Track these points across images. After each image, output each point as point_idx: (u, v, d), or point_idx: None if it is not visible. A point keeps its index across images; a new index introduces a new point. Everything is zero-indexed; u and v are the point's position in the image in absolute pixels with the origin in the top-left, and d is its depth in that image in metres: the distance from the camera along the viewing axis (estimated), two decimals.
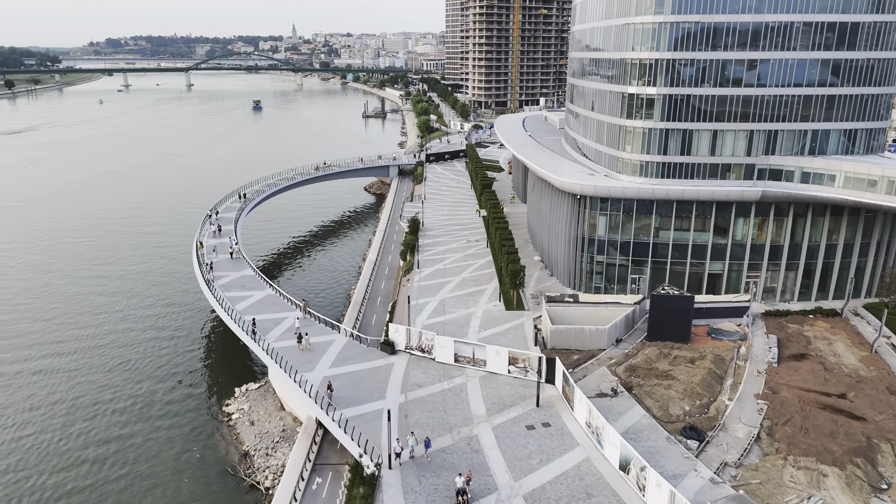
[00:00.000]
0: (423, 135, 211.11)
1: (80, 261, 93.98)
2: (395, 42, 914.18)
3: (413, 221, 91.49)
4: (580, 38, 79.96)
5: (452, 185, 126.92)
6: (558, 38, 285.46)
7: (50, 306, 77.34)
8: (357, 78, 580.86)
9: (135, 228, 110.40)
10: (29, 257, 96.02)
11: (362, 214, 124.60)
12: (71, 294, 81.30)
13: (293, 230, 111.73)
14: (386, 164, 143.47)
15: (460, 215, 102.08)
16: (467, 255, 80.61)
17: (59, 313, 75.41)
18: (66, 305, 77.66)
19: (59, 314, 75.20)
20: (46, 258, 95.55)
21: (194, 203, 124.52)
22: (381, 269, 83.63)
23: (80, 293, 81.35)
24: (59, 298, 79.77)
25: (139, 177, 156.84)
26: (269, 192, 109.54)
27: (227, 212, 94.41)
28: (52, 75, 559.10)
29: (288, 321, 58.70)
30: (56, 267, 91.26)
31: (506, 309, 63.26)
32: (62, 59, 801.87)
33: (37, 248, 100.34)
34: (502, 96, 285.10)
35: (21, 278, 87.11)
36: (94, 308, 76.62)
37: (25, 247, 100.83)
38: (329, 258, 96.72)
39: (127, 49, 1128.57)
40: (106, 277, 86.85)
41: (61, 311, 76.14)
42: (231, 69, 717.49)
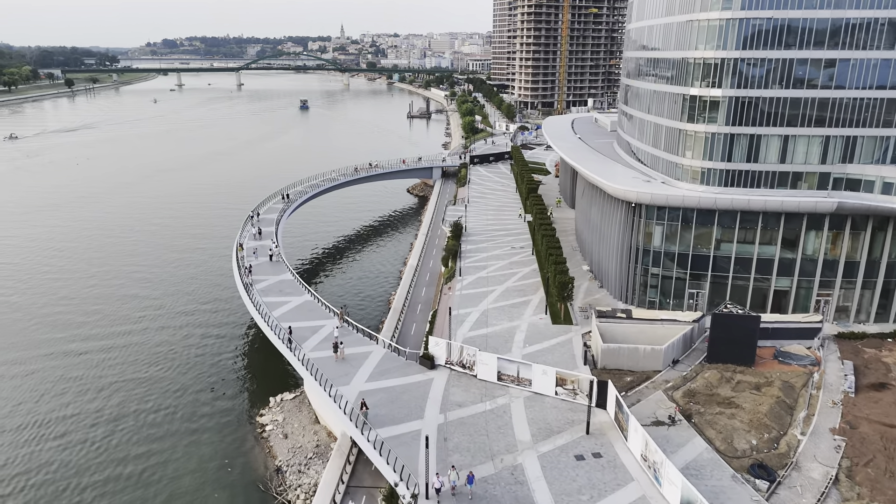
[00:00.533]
0: (467, 136, 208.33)
1: (125, 260, 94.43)
2: (441, 42, 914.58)
3: (455, 226, 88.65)
4: (636, 37, 75.75)
5: (497, 188, 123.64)
6: (608, 38, 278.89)
7: (91, 307, 77.43)
8: (403, 78, 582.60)
9: (180, 228, 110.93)
10: (76, 255, 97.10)
11: (404, 217, 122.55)
12: (112, 294, 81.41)
13: (334, 232, 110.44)
14: (429, 166, 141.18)
15: (505, 220, 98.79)
16: (512, 263, 77.30)
17: (99, 313, 75.41)
18: (106, 305, 77.68)
19: (99, 314, 75.19)
20: (93, 256, 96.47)
21: (239, 202, 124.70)
22: (421, 275, 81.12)
23: (121, 293, 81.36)
24: (101, 298, 79.89)
25: (188, 175, 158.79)
26: (311, 193, 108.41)
27: (269, 213, 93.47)
28: (110, 74, 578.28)
29: (325, 329, 56.64)
30: (101, 266, 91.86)
31: (552, 323, 59.81)
32: (120, 59, 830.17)
33: (83, 246, 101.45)
34: (549, 97, 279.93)
35: (67, 277, 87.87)
36: (134, 307, 76.45)
37: (73, 245, 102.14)
38: (370, 262, 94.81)
39: (182, 49, 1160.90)
40: (148, 278, 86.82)
41: (101, 310, 76.14)
42: (280, 69, 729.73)
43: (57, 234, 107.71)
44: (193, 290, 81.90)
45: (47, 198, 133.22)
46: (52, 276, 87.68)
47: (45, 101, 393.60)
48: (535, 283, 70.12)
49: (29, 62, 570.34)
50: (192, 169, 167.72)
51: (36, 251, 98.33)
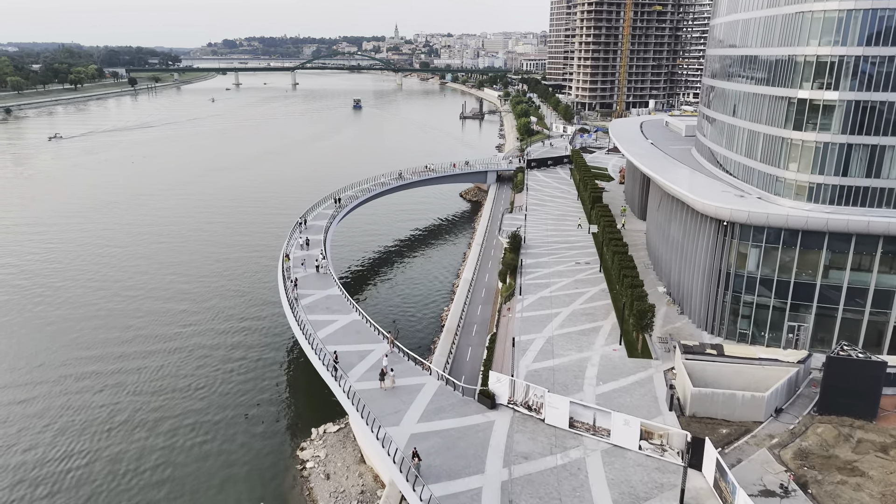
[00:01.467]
0: (522, 137, 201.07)
1: (170, 269, 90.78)
2: (494, 42, 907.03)
3: (514, 237, 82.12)
4: (725, 33, 67.71)
5: (556, 194, 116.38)
6: (672, 37, 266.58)
7: (128, 321, 74.00)
8: (455, 78, 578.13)
9: (228, 234, 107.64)
10: (121, 262, 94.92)
11: (456, 224, 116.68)
12: (153, 308, 77.50)
13: (382, 239, 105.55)
14: (483, 170, 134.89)
15: (566, 231, 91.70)
16: (577, 282, 70.33)
17: (136, 328, 72.03)
18: (144, 320, 73.93)
19: (135, 329, 71.83)
20: (137, 263, 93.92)
21: (289, 206, 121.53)
22: (477, 291, 75.01)
23: (161, 307, 76.77)
24: (140, 312, 75.94)
25: (240, 175, 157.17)
26: (362, 198, 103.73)
27: (317, 219, 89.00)
28: (172, 74, 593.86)
29: (373, 355, 51.21)
30: (145, 275, 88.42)
31: (629, 356, 52.76)
32: (182, 59, 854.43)
33: (129, 253, 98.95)
34: (608, 98, 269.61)
35: (108, 287, 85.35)
36: (173, 322, 72.12)
37: (119, 250, 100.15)
38: (420, 273, 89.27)
39: (241, 49, 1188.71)
40: (190, 291, 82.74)
41: (138, 325, 72.70)
42: (335, 69, 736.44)
43: (105, 236, 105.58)
44: (237, 305, 77.75)
45: (101, 196, 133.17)
46: (93, 284, 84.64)
47: (109, 99, 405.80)
48: (605, 307, 63.07)
49: (96, 61, 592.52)
50: (244, 169, 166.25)
51: (82, 255, 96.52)
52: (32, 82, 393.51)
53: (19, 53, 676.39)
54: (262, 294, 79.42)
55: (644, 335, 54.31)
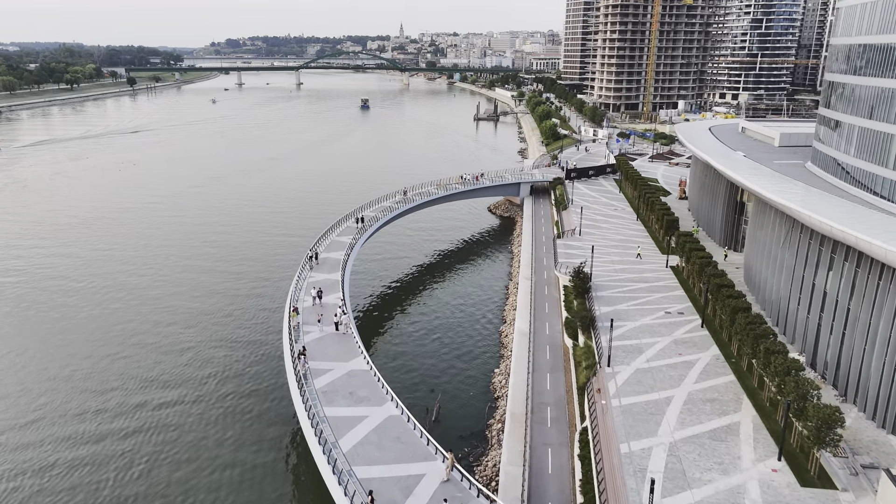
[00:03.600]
0: (547, 142, 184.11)
1: (140, 325, 73.06)
2: (501, 41, 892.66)
3: (579, 275, 64.96)
4: (860, 18, 50.83)
5: (609, 212, 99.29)
6: (703, 33, 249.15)
7: (78, 406, 57.60)
8: (464, 78, 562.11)
9: (222, 263, 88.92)
10: (79, 307, 78.22)
11: (489, 246, 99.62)
12: (125, 368, 61.48)
13: (402, 265, 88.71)
14: (516, 182, 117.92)
15: (637, 263, 74.56)
16: (678, 344, 53.33)
17: (104, 391, 55.49)
18: (114, 377, 57.76)
19: (103, 392, 55.28)
20: (97, 308, 77.37)
21: (298, 227, 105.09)
22: (538, 349, 58.09)
23: (124, 387, 60.59)
24: (91, 393, 59.90)
25: (240, 187, 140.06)
26: (383, 219, 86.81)
27: (332, 250, 71.88)
28: (173, 73, 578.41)
29: (425, 486, 34.28)
30: (106, 335, 70.83)
31: (801, 483, 35.73)
32: (184, 58, 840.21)
33: (93, 291, 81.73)
34: (633, 98, 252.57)
35: (51, 356, 68.77)
36: (139, 414, 54.09)
37: (81, 286, 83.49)
38: (454, 315, 72.14)
39: (244, 49, 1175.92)
40: (171, 342, 66.50)
41: (107, 387, 56.21)
42: (339, 68, 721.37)
43: (61, 271, 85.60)
44: (228, 362, 61.13)
45: (78, 212, 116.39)
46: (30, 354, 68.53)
47: (107, 100, 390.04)
48: (730, 387, 46.08)
49: (96, 61, 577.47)
50: (245, 178, 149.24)
51: (35, 287, 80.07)
52: (26, 82, 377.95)
53: (19, 53, 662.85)
54: (259, 369, 61.54)
55: (814, 451, 37.25)
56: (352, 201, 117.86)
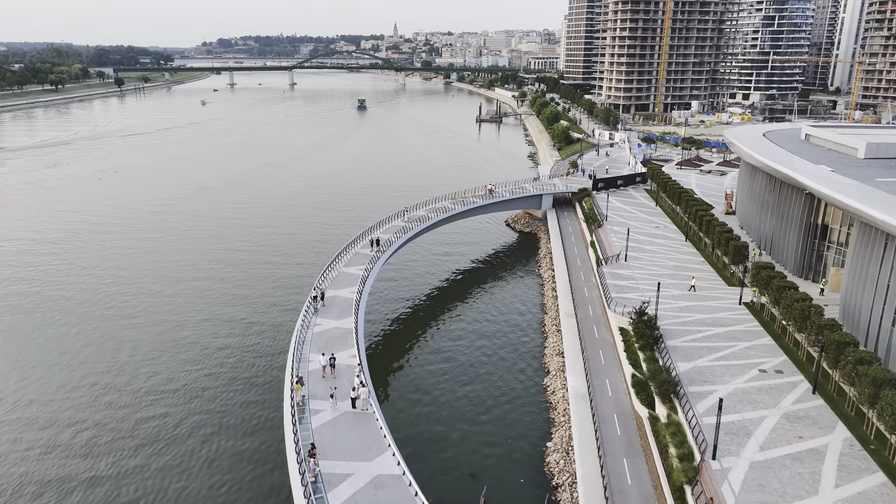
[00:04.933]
0: (559, 146, 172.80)
1: (105, 369, 62.39)
2: (497, 40, 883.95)
3: (643, 320, 53.27)
4: None
5: (650, 230, 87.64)
6: (716, 31, 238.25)
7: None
8: (462, 77, 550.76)
9: (206, 301, 74.24)
10: (25, 356, 65.97)
11: (510, 266, 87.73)
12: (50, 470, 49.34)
13: (413, 292, 76.91)
14: (537, 193, 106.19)
15: (701, 299, 62.90)
16: (789, 418, 41.68)
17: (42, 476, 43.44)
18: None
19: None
20: (44, 367, 65.09)
21: (300, 250, 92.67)
22: (604, 422, 46.30)
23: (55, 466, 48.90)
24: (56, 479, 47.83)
25: (230, 199, 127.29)
26: (398, 242, 74.88)
27: (339, 286, 59.79)
28: (163, 73, 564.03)
29: None
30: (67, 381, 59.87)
31: None
32: (175, 58, 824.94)
33: (44, 337, 70.19)
34: (644, 99, 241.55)
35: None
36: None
37: (33, 329, 71.29)
38: (485, 365, 59.86)
39: (236, 48, 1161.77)
40: (132, 416, 54.45)
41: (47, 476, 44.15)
42: (333, 68, 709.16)
43: (24, 298, 75.87)
44: (207, 458, 49.01)
45: (48, 228, 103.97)
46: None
47: (94, 101, 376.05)
48: (883, 491, 34.53)
49: (84, 61, 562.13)
50: (235, 188, 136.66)
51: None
52: (9, 83, 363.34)
53: (5, 53, 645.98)
54: (253, 472, 49.41)
55: None
56: (358, 218, 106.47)
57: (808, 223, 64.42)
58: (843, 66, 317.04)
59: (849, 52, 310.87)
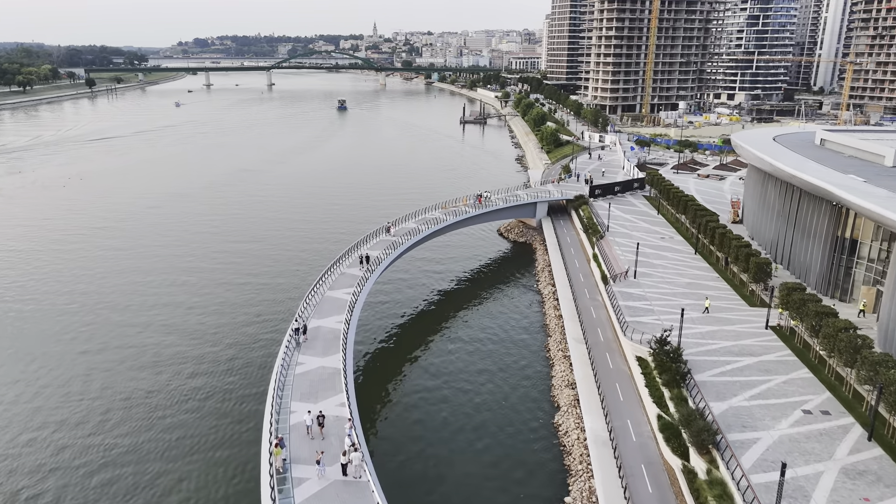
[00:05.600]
0: (548, 148, 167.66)
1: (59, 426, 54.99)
2: (477, 40, 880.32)
3: (666, 351, 47.60)
4: None
5: (655, 241, 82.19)
6: (702, 30, 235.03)
7: None
8: (443, 77, 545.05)
9: (170, 332, 66.16)
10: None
11: (505, 280, 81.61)
12: None
13: (400, 311, 70.66)
14: (531, 201, 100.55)
15: (721, 321, 57.48)
16: (848, 473, 36.20)
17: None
18: None
19: None
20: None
21: (279, 268, 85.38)
22: (631, 475, 40.50)
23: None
24: None
25: (203, 208, 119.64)
26: (389, 257, 68.54)
27: (323, 315, 53.14)
28: (136, 74, 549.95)
29: None
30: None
31: None
32: (150, 59, 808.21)
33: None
34: (630, 99, 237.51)
35: None
36: None
37: None
38: (486, 400, 53.63)
39: (213, 48, 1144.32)
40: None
41: None
42: (312, 68, 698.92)
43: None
44: None
45: (5, 241, 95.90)
46: None
47: (63, 102, 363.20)
48: None
49: (54, 61, 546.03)
50: (209, 197, 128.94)
51: None
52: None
53: None
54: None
55: None
56: (342, 230, 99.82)
57: (835, 237, 59.35)
58: (825, 65, 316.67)
59: (832, 51, 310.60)
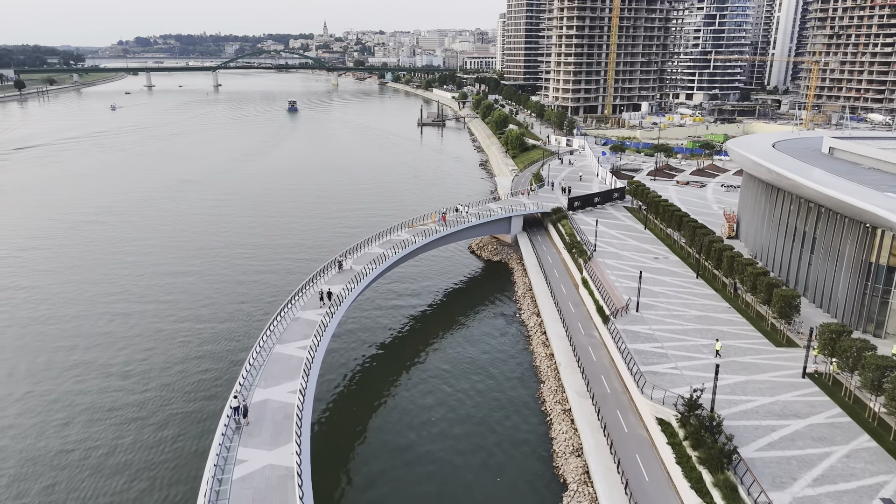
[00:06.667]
0: (513, 153, 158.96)
1: None
2: (430, 39, 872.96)
3: (697, 417, 38.63)
4: None
5: (647, 262, 73.48)
6: (662, 29, 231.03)
7: None
8: (397, 77, 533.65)
9: (73, 410, 52.84)
10: None
11: (481, 309, 71.80)
12: None
13: (363, 350, 60.33)
14: (506, 216, 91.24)
15: (744, 365, 49.02)
16: None
17: None
18: None
19: None
20: None
21: (215, 308, 72.97)
22: None
23: None
24: None
25: (133, 229, 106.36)
26: (353, 293, 57.87)
27: (272, 378, 42.21)
28: (71, 75, 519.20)
29: None
30: None
31: None
32: (87, 59, 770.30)
33: None
34: (593, 100, 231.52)
35: None
36: None
37: None
38: (477, 481, 44.42)
39: (156, 48, 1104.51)
40: None
41: None
42: (261, 68, 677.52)
43: None
44: None
45: None
46: None
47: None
48: None
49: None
50: (141, 213, 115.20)
51: None
52: None
53: None
54: None
55: None
56: (296, 257, 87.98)
57: (866, 262, 51.69)
58: (779, 65, 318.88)
59: (784, 51, 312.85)
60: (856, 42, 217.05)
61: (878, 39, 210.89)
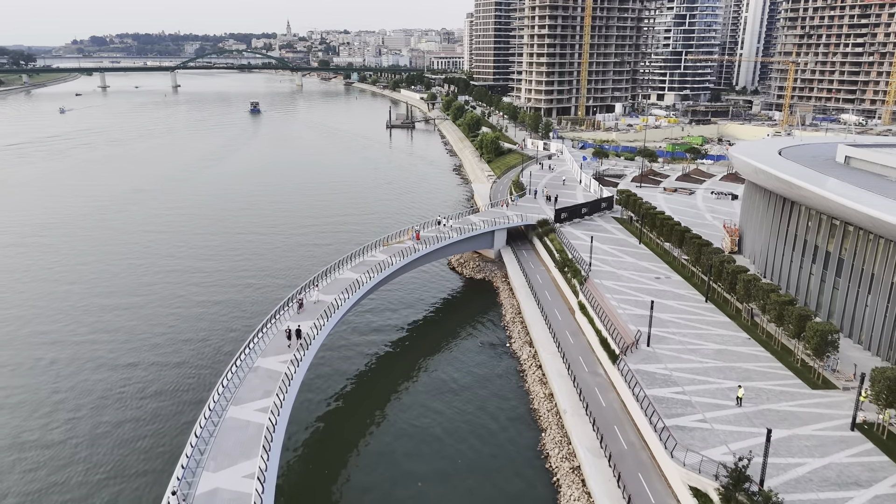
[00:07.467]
0: (488, 157, 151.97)
1: None
2: (395, 39, 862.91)
3: (746, 494, 31.71)
4: None
5: (650, 283, 66.97)
6: (635, 29, 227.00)
7: None
8: (363, 78, 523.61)
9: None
10: None
11: (468, 337, 64.56)
12: None
13: (336, 387, 52.40)
14: (489, 230, 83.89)
15: (781, 415, 42.49)
16: None
17: None
18: None
19: None
20: None
21: (166, 350, 63.54)
22: None
23: None
24: None
25: (77, 249, 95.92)
26: (326, 328, 49.67)
27: (224, 458, 33.84)
28: (20, 76, 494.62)
29: None
30: None
31: None
32: (39, 58, 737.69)
33: None
34: (565, 102, 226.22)
35: None
36: None
37: None
38: None
39: (112, 47, 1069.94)
40: None
41: None
42: (222, 68, 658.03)
43: None
44: None
45: None
46: None
47: None
48: None
49: None
50: (88, 229, 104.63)
51: None
52: None
53: None
54: None
55: None
56: (258, 284, 78.06)
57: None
58: (747, 65, 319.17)
59: (752, 51, 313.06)
60: (827, 42, 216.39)
61: (849, 39, 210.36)
